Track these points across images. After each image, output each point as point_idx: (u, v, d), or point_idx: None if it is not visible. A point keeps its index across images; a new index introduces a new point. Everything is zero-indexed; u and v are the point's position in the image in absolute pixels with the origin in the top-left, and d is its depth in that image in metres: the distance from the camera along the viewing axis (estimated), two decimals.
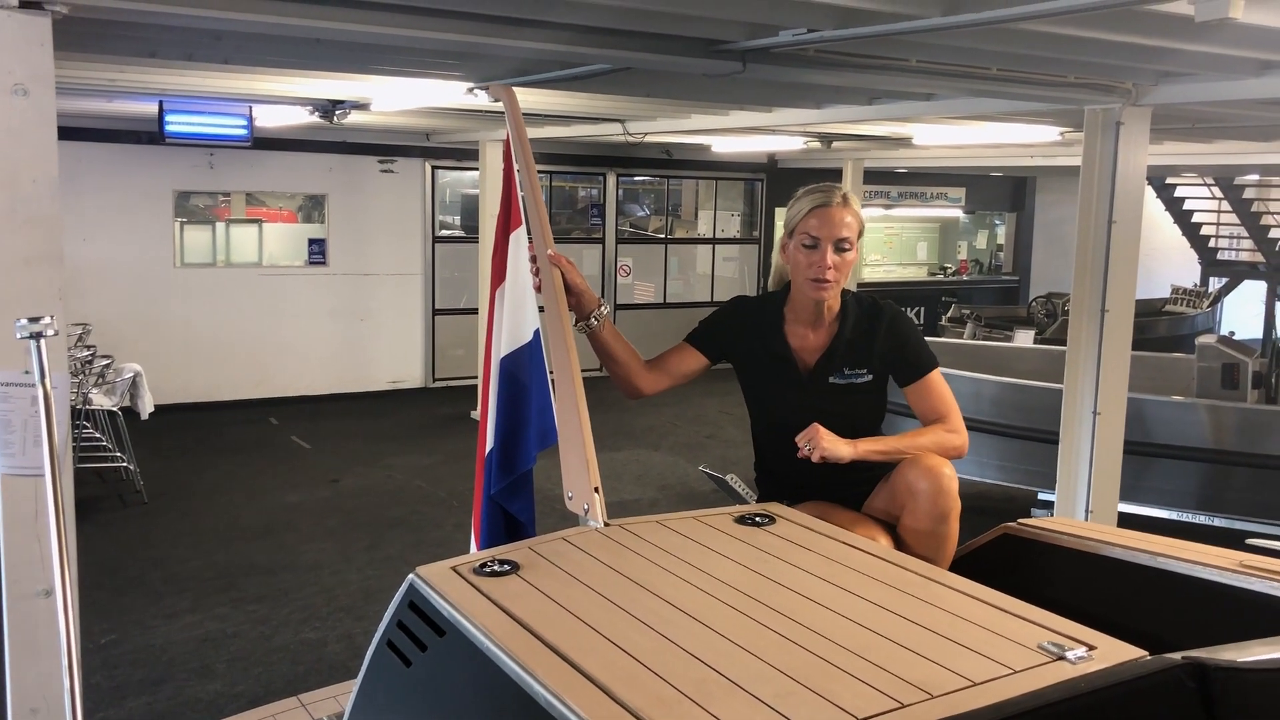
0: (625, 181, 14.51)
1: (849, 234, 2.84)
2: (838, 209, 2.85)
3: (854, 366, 2.90)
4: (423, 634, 1.94)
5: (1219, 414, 7.45)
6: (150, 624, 5.94)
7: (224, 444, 10.15)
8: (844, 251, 2.83)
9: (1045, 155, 10.74)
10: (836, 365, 2.90)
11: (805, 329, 2.95)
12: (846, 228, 2.83)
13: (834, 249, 2.82)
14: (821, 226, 2.83)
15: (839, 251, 2.83)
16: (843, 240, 2.83)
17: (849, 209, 2.86)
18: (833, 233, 2.82)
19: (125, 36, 4.49)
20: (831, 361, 2.90)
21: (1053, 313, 13.29)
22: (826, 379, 2.89)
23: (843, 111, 6.85)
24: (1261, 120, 6.70)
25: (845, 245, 2.84)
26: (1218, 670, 1.55)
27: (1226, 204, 16.38)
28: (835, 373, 2.89)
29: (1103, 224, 5.43)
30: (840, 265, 2.83)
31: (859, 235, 2.88)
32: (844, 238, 2.83)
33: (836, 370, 2.89)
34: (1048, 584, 2.46)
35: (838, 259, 2.83)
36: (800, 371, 2.94)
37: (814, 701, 1.55)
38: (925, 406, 2.89)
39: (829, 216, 2.84)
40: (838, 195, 2.87)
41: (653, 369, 3.01)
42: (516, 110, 2.88)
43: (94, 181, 10.79)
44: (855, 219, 2.86)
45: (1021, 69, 4.80)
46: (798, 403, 2.89)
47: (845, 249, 2.84)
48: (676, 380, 3.03)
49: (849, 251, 2.85)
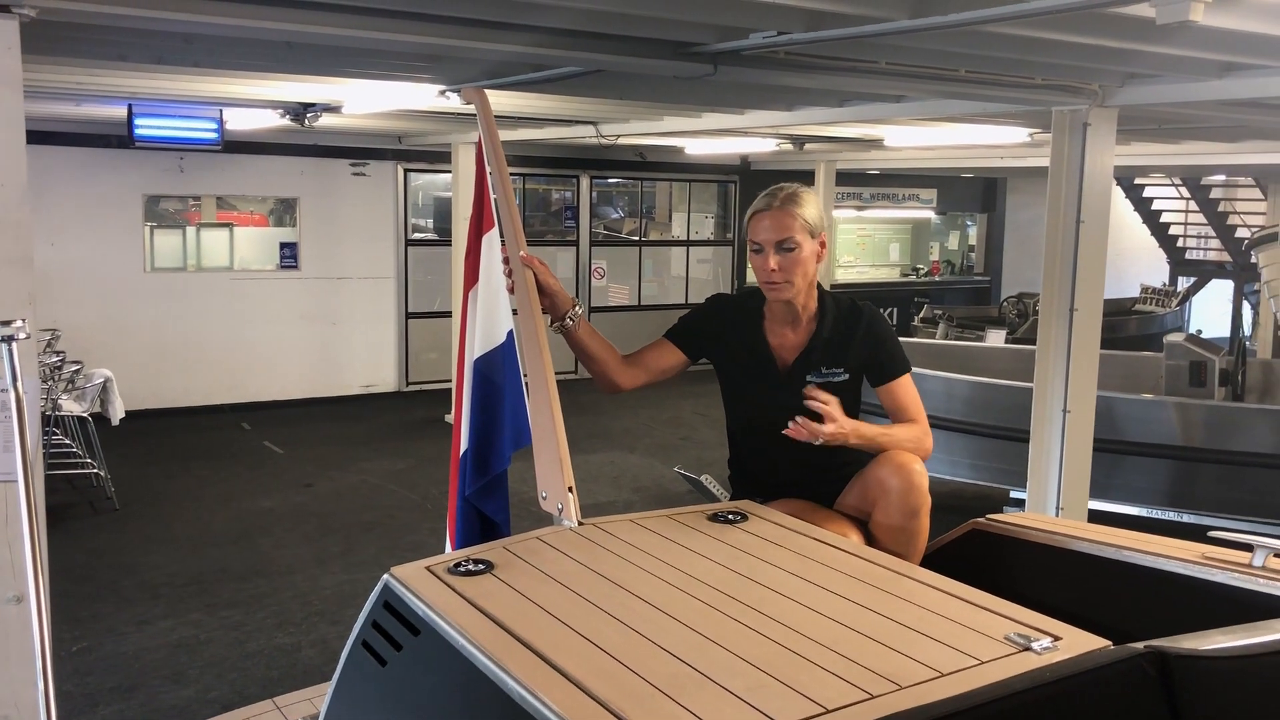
0: (599, 184, 14.52)
1: (789, 234, 2.84)
2: (776, 212, 2.87)
3: (831, 365, 2.92)
4: (398, 633, 1.95)
5: (1187, 411, 7.54)
6: (122, 631, 5.91)
7: (196, 449, 10.08)
8: (789, 251, 2.84)
9: (1015, 156, 10.83)
10: (814, 364, 2.92)
11: (784, 328, 2.97)
12: (785, 228, 2.84)
13: (776, 250, 2.85)
14: (761, 231, 2.87)
15: (783, 252, 2.84)
16: (783, 241, 2.84)
17: (789, 210, 2.86)
18: (771, 235, 2.85)
19: (94, 40, 4.47)
20: (809, 360, 2.93)
21: (1024, 313, 13.41)
22: (804, 377, 2.91)
23: (814, 113, 6.89)
24: (1226, 121, 6.79)
25: (788, 245, 2.84)
26: (1178, 659, 1.58)
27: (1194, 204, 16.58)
28: (813, 371, 2.91)
29: (1071, 224, 5.49)
30: (786, 265, 2.84)
31: (812, 232, 2.88)
32: (784, 239, 2.84)
33: (814, 369, 2.92)
34: (1015, 578, 2.49)
35: (782, 259, 2.84)
36: (779, 370, 2.96)
37: (785, 694, 1.57)
38: (897, 407, 2.93)
39: (767, 221, 2.87)
40: (779, 197, 2.89)
41: (630, 364, 3.02)
42: (488, 113, 2.89)
43: (63, 185, 10.71)
44: (796, 218, 2.85)
45: (989, 71, 4.85)
46: (775, 401, 2.91)
47: (789, 249, 2.84)
48: (654, 376, 3.04)
49: (796, 251, 2.84)
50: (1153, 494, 7.59)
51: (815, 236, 2.89)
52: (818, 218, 2.91)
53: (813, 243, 2.89)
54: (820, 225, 2.91)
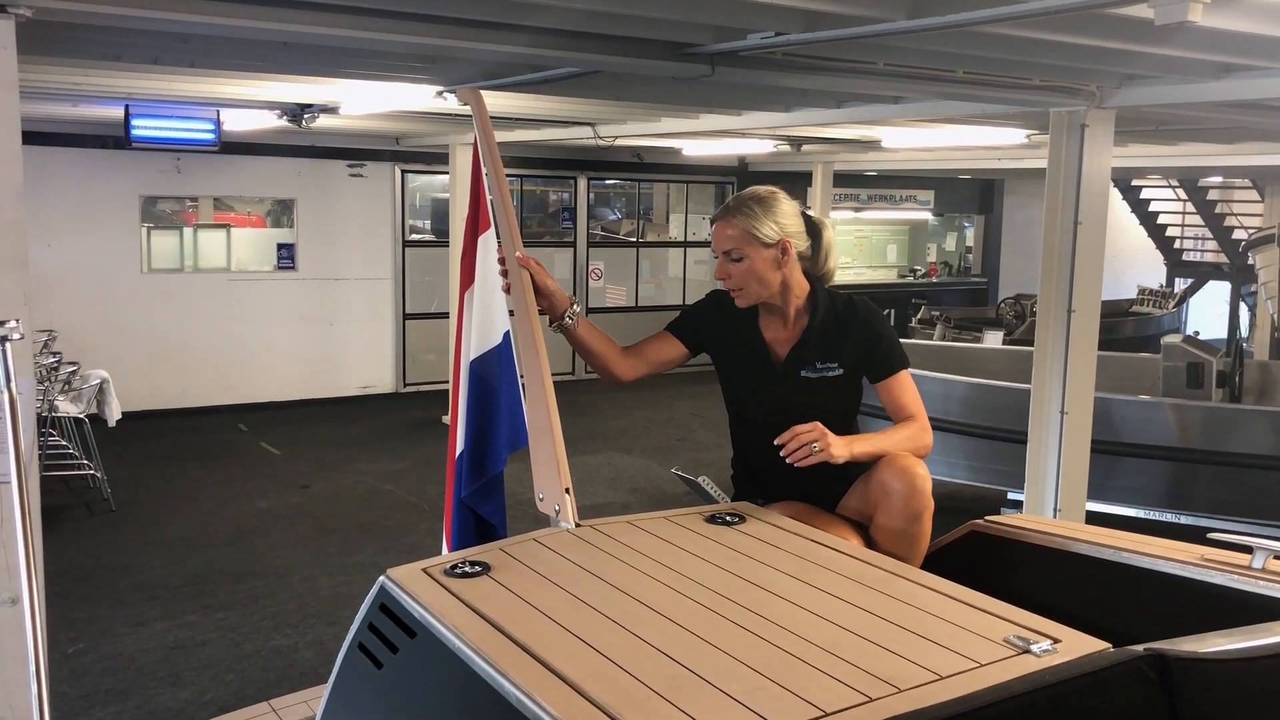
0: (596, 185, 14.52)
1: (730, 245, 2.88)
2: (720, 223, 2.92)
3: (825, 360, 2.91)
4: (394, 636, 1.94)
5: (1184, 413, 7.54)
6: (118, 632, 5.89)
7: (193, 451, 10.07)
8: (736, 261, 2.88)
9: (1012, 158, 10.83)
10: (808, 358, 2.91)
11: (777, 323, 2.98)
12: (726, 239, 2.88)
13: (726, 260, 2.90)
14: (714, 241, 2.95)
15: (731, 262, 2.89)
16: (729, 252, 2.89)
17: (730, 221, 2.89)
18: (718, 246, 2.92)
19: (90, 40, 4.46)
20: (803, 354, 2.92)
21: (1021, 314, 13.41)
22: (798, 372, 2.90)
23: (812, 114, 6.89)
24: (1223, 123, 6.79)
25: (734, 256, 2.88)
26: (1178, 661, 1.57)
27: (1191, 206, 16.59)
28: (807, 366, 2.90)
29: (1069, 225, 5.49)
30: (735, 274, 2.88)
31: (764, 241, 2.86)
32: (728, 250, 2.89)
33: (808, 363, 2.91)
34: (1014, 580, 2.49)
35: (731, 268, 2.89)
36: (773, 364, 2.96)
37: (783, 697, 1.56)
38: (896, 404, 2.92)
39: (715, 229, 2.94)
40: (728, 208, 2.93)
41: (630, 356, 3.05)
42: (484, 114, 2.88)
43: (59, 186, 10.69)
44: (738, 229, 2.87)
45: (987, 72, 4.84)
46: (770, 395, 2.92)
47: (736, 259, 2.88)
48: (655, 368, 3.06)
49: (744, 261, 2.87)
50: (1150, 495, 7.59)
51: (771, 244, 2.86)
52: (771, 225, 2.87)
53: (766, 250, 2.86)
54: (777, 232, 2.86)
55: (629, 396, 12.70)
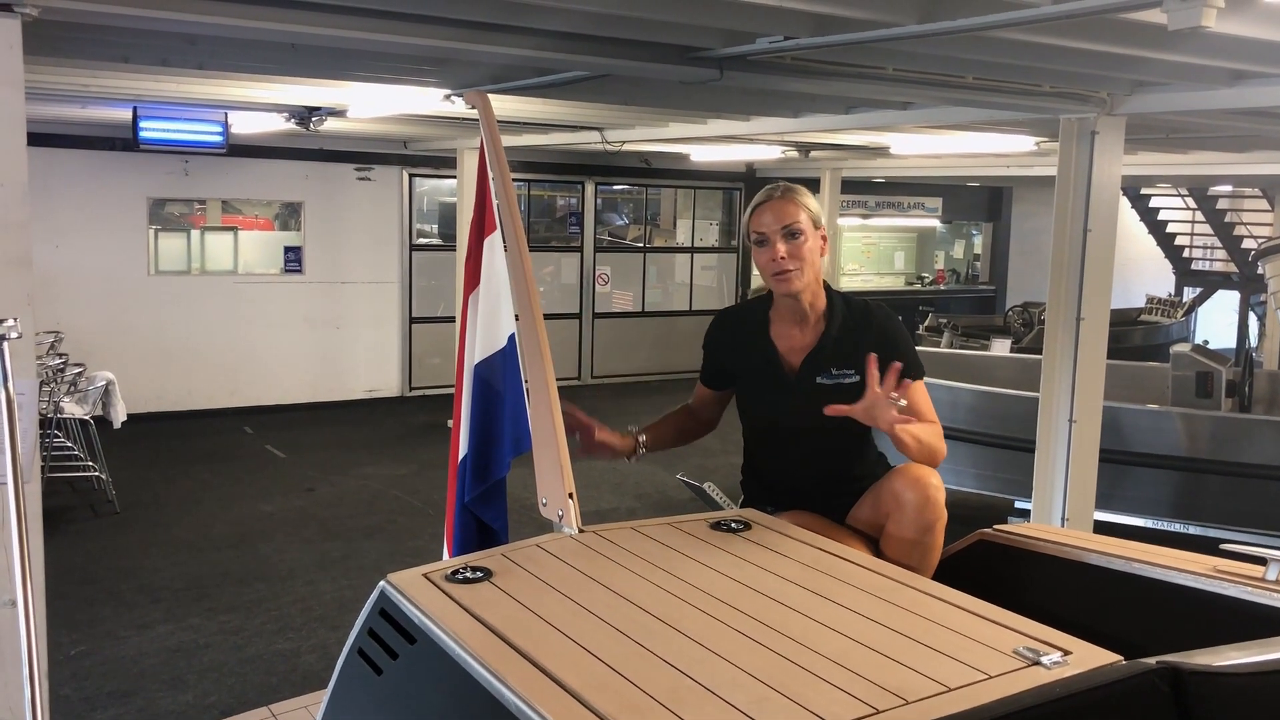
0: (604, 190, 14.51)
1: (792, 220, 2.79)
2: (778, 201, 2.82)
3: (841, 367, 2.83)
4: (394, 642, 1.92)
5: (1193, 422, 7.49)
6: (121, 635, 5.87)
7: (198, 453, 10.06)
8: (795, 238, 2.78)
9: (1021, 165, 10.81)
10: (824, 365, 2.84)
11: (791, 329, 2.90)
12: (789, 215, 2.79)
13: (783, 238, 2.79)
14: (764, 222, 2.82)
15: (789, 239, 2.79)
16: (788, 226, 2.78)
17: (789, 200, 2.82)
18: (776, 222, 2.79)
19: (97, 40, 4.46)
20: (818, 361, 2.85)
21: (1029, 322, 13.37)
22: (814, 379, 2.83)
23: (820, 120, 6.88)
24: (1234, 130, 6.76)
25: (794, 231, 2.78)
26: (1192, 675, 1.54)
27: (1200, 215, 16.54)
28: (823, 373, 2.83)
29: (1078, 232, 5.46)
30: (795, 252, 2.78)
31: (815, 225, 2.83)
32: (788, 224, 2.78)
33: (824, 370, 2.83)
34: (1023, 589, 2.45)
35: (790, 246, 2.78)
36: (786, 372, 2.88)
37: (788, 708, 1.53)
38: (913, 412, 2.80)
39: (769, 210, 2.83)
40: (780, 188, 2.86)
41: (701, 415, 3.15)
42: (491, 117, 2.86)
43: (67, 188, 10.70)
44: (799, 208, 2.81)
45: (997, 78, 4.82)
46: (785, 404, 2.85)
47: (795, 235, 2.78)
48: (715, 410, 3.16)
49: (801, 238, 2.79)
50: (1159, 505, 7.54)
51: (818, 229, 2.84)
52: (819, 211, 2.88)
53: (816, 235, 2.83)
54: (821, 220, 2.87)
55: (635, 402, 12.66)
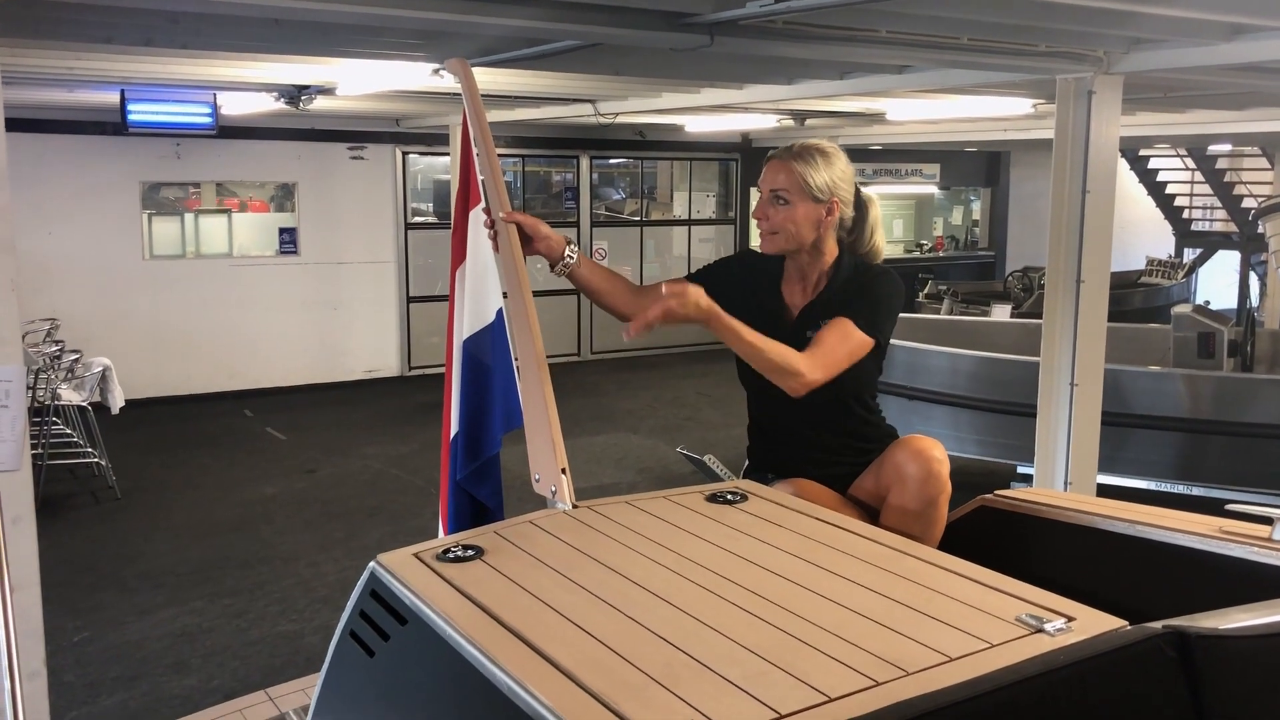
0: (599, 164, 14.42)
1: (779, 186, 2.78)
2: (776, 162, 2.81)
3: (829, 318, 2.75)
4: (385, 623, 1.88)
5: (1195, 383, 7.46)
6: (124, 620, 5.86)
7: (197, 437, 10.04)
8: (780, 203, 2.79)
9: (1019, 128, 10.72)
10: (814, 319, 2.80)
11: (798, 286, 2.90)
12: (779, 180, 2.79)
13: (771, 200, 2.81)
14: (764, 177, 2.85)
15: (775, 202, 2.80)
16: (776, 191, 2.79)
17: (788, 164, 2.78)
18: (766, 184, 2.82)
19: (79, 20, 4.39)
20: (811, 315, 2.82)
21: (1029, 287, 13.33)
22: (804, 333, 2.79)
23: (814, 87, 6.79)
24: (1233, 88, 6.69)
25: (781, 198, 2.79)
26: (1199, 638, 1.51)
27: (1199, 175, 16.43)
28: (812, 327, 2.78)
29: (1076, 194, 5.40)
30: (774, 217, 2.79)
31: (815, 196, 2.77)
32: (776, 189, 2.79)
33: (814, 324, 2.78)
34: (1026, 556, 2.42)
35: (772, 210, 2.80)
36: (783, 323, 2.85)
37: (785, 682, 1.50)
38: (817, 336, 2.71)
39: (768, 169, 2.84)
40: (792, 150, 2.82)
41: (641, 295, 2.97)
42: (473, 85, 2.80)
43: (58, 174, 10.62)
44: (795, 174, 2.77)
45: (992, 38, 4.75)
46: None
47: (781, 201, 2.78)
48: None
49: (788, 206, 2.78)
50: (1162, 467, 7.52)
51: (821, 200, 2.79)
52: (826, 181, 2.79)
53: (813, 205, 2.78)
54: (829, 190, 2.79)
55: (635, 377, 12.63)
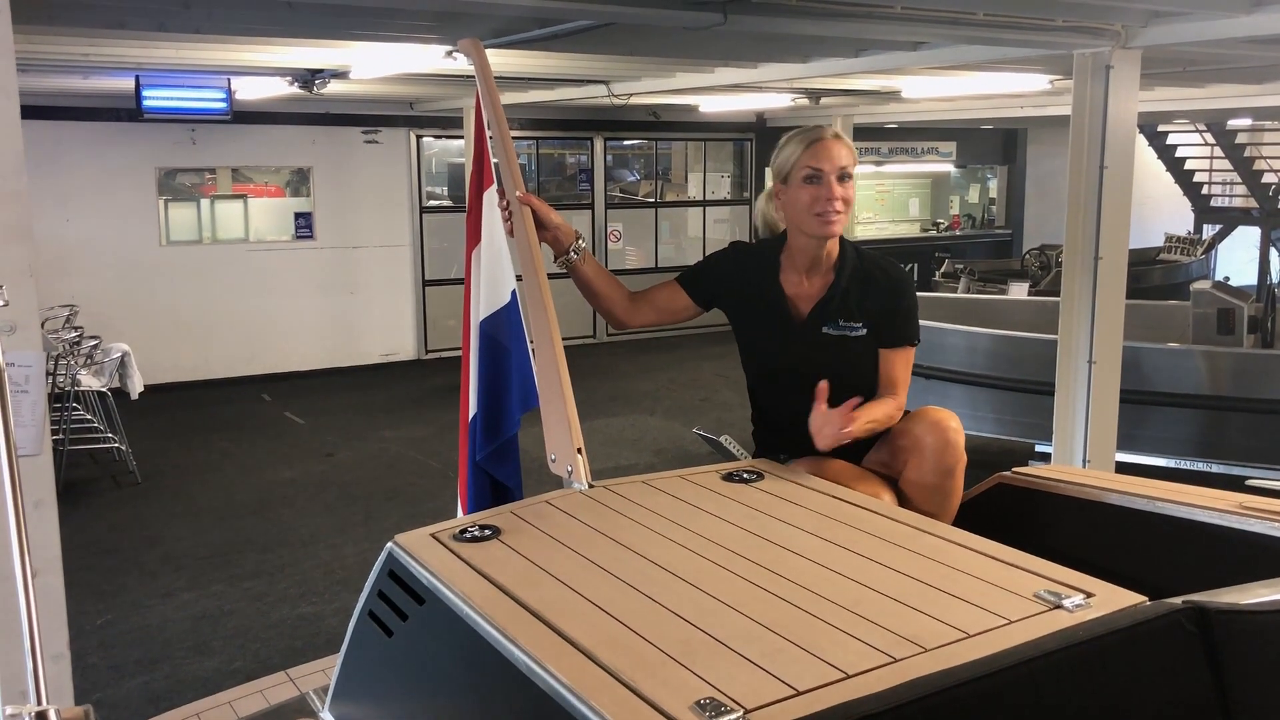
0: (613, 146, 14.38)
1: (848, 164, 2.76)
2: (833, 142, 2.77)
3: (849, 319, 2.79)
4: (403, 603, 1.89)
5: (1215, 360, 7.41)
6: (146, 604, 5.91)
7: (216, 422, 10.09)
8: (847, 180, 2.76)
9: (1035, 105, 10.64)
10: (831, 315, 2.80)
11: (801, 276, 2.86)
12: (845, 157, 2.76)
13: (839, 180, 2.74)
14: (822, 159, 2.75)
15: (843, 181, 2.75)
16: (844, 169, 2.75)
17: (843, 143, 2.78)
18: (835, 163, 2.74)
19: (91, 6, 4.40)
20: (826, 310, 2.81)
21: (1046, 265, 13.24)
22: (820, 328, 2.79)
23: (829, 65, 6.75)
24: (1254, 60, 6.61)
25: (848, 174, 2.76)
26: (1219, 613, 1.50)
27: (1219, 150, 16.28)
28: (829, 323, 2.79)
29: (1094, 170, 5.36)
30: (847, 196, 2.76)
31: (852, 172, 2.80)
32: (844, 166, 2.75)
33: (831, 320, 2.79)
34: (1044, 532, 2.41)
35: (844, 189, 2.75)
36: (793, 319, 2.84)
37: (803, 659, 1.50)
38: (889, 377, 2.80)
39: (827, 148, 2.76)
40: (830, 130, 2.80)
41: (637, 301, 2.94)
42: (486, 66, 2.79)
43: (75, 160, 10.66)
44: (850, 152, 2.78)
45: (1008, 13, 4.71)
46: (791, 351, 2.81)
47: (848, 178, 2.76)
48: (661, 316, 2.96)
49: (850, 182, 2.77)
50: (1182, 444, 7.47)
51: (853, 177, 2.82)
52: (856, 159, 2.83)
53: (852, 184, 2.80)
54: None
55: (652, 359, 12.63)
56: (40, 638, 1.39)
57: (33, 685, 1.37)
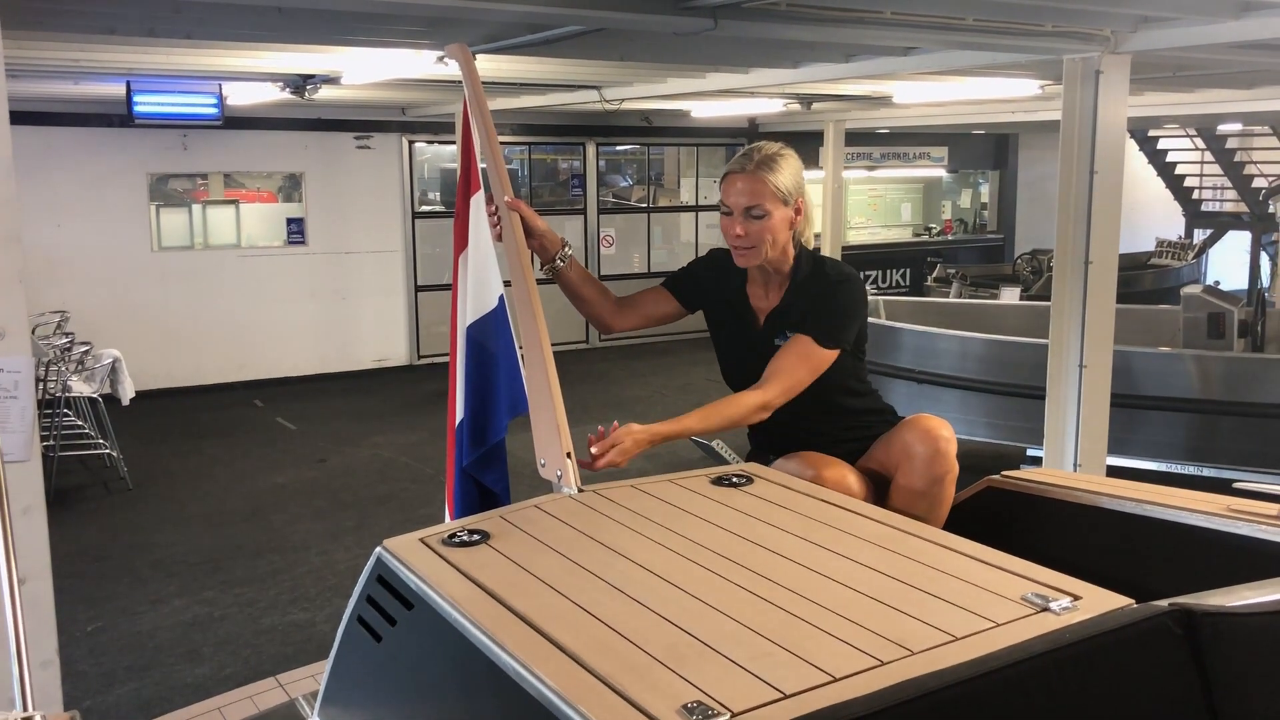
0: (606, 151, 14.39)
1: (757, 201, 2.71)
2: (748, 176, 2.72)
3: (794, 329, 2.76)
4: (391, 608, 1.89)
5: (1205, 364, 7.43)
6: (137, 610, 5.89)
7: (208, 428, 10.07)
8: (757, 219, 2.71)
9: (1026, 110, 10.66)
10: (780, 326, 2.81)
11: (762, 288, 2.89)
12: (753, 195, 2.71)
13: (744, 217, 2.72)
14: (732, 194, 2.75)
15: (750, 219, 2.72)
16: (750, 208, 2.71)
17: (760, 177, 2.71)
18: (741, 201, 2.73)
19: (81, 11, 4.40)
20: (779, 322, 2.82)
21: (1038, 269, 13.27)
22: (772, 340, 2.81)
23: (820, 70, 6.77)
24: (1242, 66, 6.64)
25: (757, 213, 2.71)
26: (1205, 616, 1.50)
27: (1209, 155, 16.34)
28: (779, 334, 2.81)
29: (1084, 174, 5.38)
30: (753, 232, 2.72)
31: (786, 200, 2.73)
32: (750, 206, 2.71)
33: (780, 332, 2.81)
34: (1032, 536, 2.42)
35: (748, 225, 2.72)
36: (753, 329, 2.88)
37: (791, 662, 1.50)
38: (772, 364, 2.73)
39: (735, 185, 2.74)
40: (754, 160, 2.74)
41: (623, 306, 2.97)
42: (473, 70, 2.80)
43: (65, 166, 10.64)
44: (768, 185, 2.71)
45: (998, 18, 4.72)
46: (749, 361, 2.82)
47: (758, 216, 2.71)
48: (647, 320, 2.99)
49: (765, 219, 2.71)
50: (1172, 448, 7.49)
51: (790, 203, 2.75)
52: (793, 183, 2.75)
53: (785, 210, 2.74)
54: (796, 191, 2.76)
55: (643, 364, 12.63)
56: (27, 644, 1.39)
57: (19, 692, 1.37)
